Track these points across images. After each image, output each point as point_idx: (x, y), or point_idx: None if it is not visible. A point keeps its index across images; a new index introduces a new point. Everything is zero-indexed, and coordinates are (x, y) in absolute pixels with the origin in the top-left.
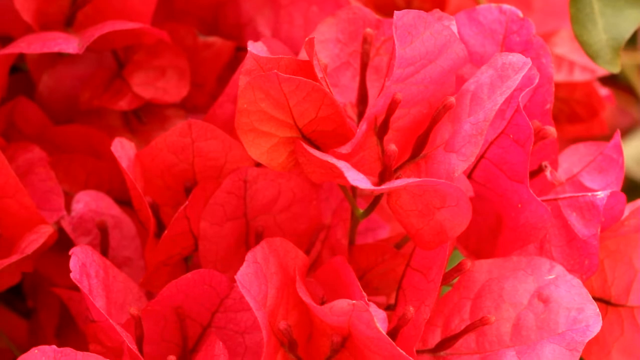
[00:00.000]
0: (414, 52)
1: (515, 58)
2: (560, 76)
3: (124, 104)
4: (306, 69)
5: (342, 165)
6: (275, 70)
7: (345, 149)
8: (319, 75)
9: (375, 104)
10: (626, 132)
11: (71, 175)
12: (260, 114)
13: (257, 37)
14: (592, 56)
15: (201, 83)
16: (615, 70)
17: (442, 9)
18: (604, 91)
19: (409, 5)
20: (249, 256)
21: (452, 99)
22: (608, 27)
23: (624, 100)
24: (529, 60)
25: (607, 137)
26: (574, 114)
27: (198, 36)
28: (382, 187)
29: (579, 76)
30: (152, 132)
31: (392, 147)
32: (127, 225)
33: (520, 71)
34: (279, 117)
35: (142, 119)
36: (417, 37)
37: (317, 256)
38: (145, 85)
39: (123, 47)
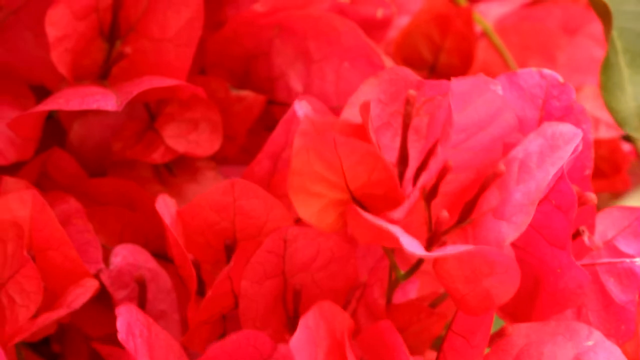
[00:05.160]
0: (467, 119)
1: (566, 128)
2: None
3: (157, 157)
4: (358, 131)
5: (396, 230)
6: (332, 133)
7: (397, 215)
8: (373, 138)
9: (429, 172)
10: None
11: (106, 227)
12: (313, 175)
13: (288, 91)
14: (620, 123)
15: (232, 136)
16: None
17: (469, 63)
18: (626, 147)
19: (436, 59)
20: (302, 322)
21: (502, 167)
22: (637, 94)
23: None
24: (580, 131)
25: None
26: (598, 170)
27: (230, 89)
28: (435, 253)
29: (604, 133)
30: (183, 183)
31: (445, 214)
32: (163, 279)
33: (572, 142)
34: (332, 178)
35: (173, 171)
36: (471, 104)
37: (352, 314)
38: (178, 138)
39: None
